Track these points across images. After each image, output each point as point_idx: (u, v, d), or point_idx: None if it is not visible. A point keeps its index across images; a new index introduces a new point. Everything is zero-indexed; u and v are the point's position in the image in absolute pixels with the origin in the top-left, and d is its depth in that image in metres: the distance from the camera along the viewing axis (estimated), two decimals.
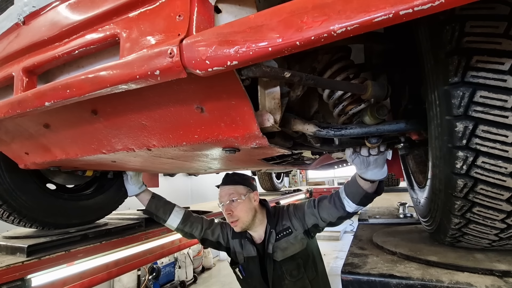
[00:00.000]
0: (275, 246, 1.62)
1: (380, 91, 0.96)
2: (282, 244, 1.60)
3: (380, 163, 1.26)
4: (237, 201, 1.61)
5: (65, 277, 1.62)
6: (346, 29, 0.44)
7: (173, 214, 1.83)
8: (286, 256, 1.59)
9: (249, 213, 1.63)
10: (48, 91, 0.78)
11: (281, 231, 1.63)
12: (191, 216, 1.88)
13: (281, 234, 1.62)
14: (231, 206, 1.61)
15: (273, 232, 1.64)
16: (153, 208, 1.84)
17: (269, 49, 0.49)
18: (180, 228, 1.83)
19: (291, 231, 1.62)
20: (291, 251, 1.59)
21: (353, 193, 1.40)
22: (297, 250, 1.60)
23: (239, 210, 1.60)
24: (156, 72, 0.60)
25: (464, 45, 0.74)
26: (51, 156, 1.26)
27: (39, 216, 1.80)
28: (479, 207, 0.89)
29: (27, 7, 0.92)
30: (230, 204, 1.62)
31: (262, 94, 0.87)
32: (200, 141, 0.88)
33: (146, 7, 0.69)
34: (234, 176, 1.73)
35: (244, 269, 1.73)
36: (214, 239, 1.84)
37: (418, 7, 0.39)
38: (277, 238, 1.62)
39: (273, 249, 1.62)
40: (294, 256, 1.60)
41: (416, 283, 0.93)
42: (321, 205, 1.56)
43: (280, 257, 1.60)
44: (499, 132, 0.76)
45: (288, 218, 1.66)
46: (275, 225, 1.66)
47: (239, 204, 1.61)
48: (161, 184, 3.15)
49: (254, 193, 1.69)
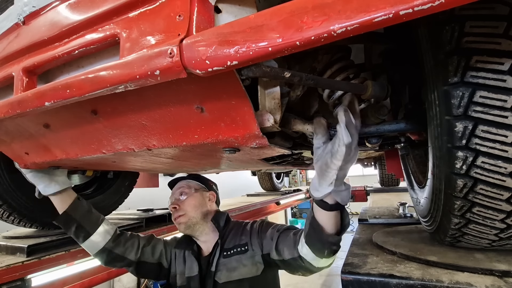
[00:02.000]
0: (222, 263, 1.30)
1: (380, 91, 0.96)
2: (232, 262, 1.29)
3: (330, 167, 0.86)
4: (186, 195, 1.40)
5: (65, 277, 1.62)
6: (346, 29, 0.44)
7: (102, 227, 1.38)
8: (231, 279, 1.26)
9: (197, 209, 1.37)
10: (48, 91, 0.78)
11: (235, 246, 1.32)
12: (124, 234, 1.46)
13: (234, 250, 1.31)
14: (179, 199, 1.40)
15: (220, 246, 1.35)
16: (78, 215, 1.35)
17: (269, 49, 0.49)
18: (109, 248, 1.37)
19: (247, 248, 1.29)
20: (239, 273, 1.26)
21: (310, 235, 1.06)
22: (247, 275, 1.26)
23: (186, 204, 1.37)
24: (156, 72, 0.60)
25: (464, 45, 0.74)
26: (51, 156, 1.25)
27: (39, 216, 1.80)
28: (479, 207, 0.89)
29: (27, 7, 0.92)
30: (178, 198, 1.40)
31: (262, 94, 0.87)
32: (200, 141, 0.88)
33: (146, 7, 0.69)
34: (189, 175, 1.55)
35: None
36: (154, 260, 1.44)
37: (418, 7, 0.39)
38: (227, 254, 1.31)
39: (218, 267, 1.30)
40: (242, 281, 1.26)
41: (416, 283, 0.93)
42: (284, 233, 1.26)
43: (224, 279, 1.27)
44: (499, 132, 0.76)
45: (249, 234, 1.34)
46: (227, 237, 1.36)
47: (188, 197, 1.39)
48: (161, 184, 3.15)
49: (209, 192, 1.48)
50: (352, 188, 6.83)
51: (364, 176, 13.79)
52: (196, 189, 1.44)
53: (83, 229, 1.34)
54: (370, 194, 4.96)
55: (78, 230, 1.34)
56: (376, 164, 5.65)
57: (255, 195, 5.64)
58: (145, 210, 2.73)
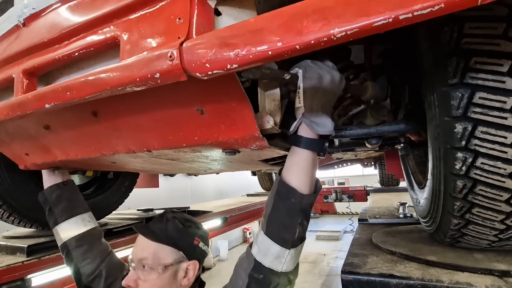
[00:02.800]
0: None
1: (380, 92, 0.96)
2: None
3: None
4: (149, 272, 0.94)
5: (65, 277, 1.62)
6: (346, 33, 0.44)
7: (74, 219, 1.20)
8: None
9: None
10: (48, 93, 0.78)
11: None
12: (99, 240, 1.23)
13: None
14: (138, 274, 0.96)
15: None
16: (54, 196, 1.24)
17: (269, 53, 0.50)
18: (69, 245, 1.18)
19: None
20: None
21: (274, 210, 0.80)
22: None
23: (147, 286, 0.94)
24: (156, 75, 0.60)
25: (463, 46, 0.74)
26: (51, 157, 1.26)
27: (39, 216, 1.80)
28: (478, 208, 0.89)
29: (27, 8, 0.92)
30: (137, 270, 0.96)
31: (262, 95, 0.87)
32: (200, 143, 0.88)
33: (146, 10, 0.70)
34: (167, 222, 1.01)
35: None
36: None
37: (418, 12, 0.39)
38: None
39: None
40: None
41: (416, 283, 0.94)
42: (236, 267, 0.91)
43: None
44: (498, 133, 0.76)
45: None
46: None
47: (152, 276, 0.94)
48: (161, 184, 3.16)
49: (189, 263, 1.00)
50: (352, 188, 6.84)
51: (364, 176, 13.81)
52: (167, 265, 0.95)
53: (52, 214, 1.23)
54: (370, 194, 4.97)
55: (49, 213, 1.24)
56: (376, 164, 5.65)
57: (255, 195, 5.64)
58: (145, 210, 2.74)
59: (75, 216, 1.23)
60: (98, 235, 1.26)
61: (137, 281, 0.95)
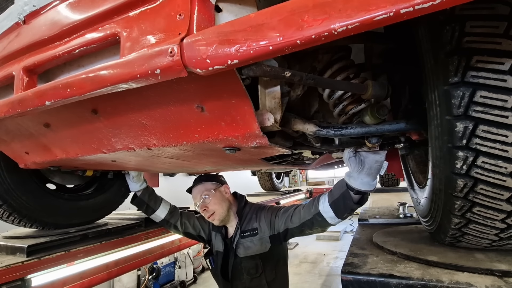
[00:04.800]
0: (240, 242, 1.71)
1: (380, 91, 0.96)
2: (247, 242, 1.69)
3: (374, 171, 1.23)
4: (209, 197, 1.71)
5: (65, 277, 1.61)
6: (347, 27, 0.44)
7: (162, 205, 1.99)
8: (247, 255, 1.68)
9: (223, 205, 1.72)
10: (48, 90, 0.78)
11: (248, 230, 1.71)
12: (176, 209, 2.06)
13: (248, 233, 1.71)
14: (205, 202, 1.71)
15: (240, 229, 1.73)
16: (146, 197, 1.96)
17: (270, 48, 0.49)
18: (167, 219, 1.97)
19: (257, 232, 1.70)
20: (252, 251, 1.67)
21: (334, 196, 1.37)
22: (258, 251, 1.67)
23: (212, 204, 1.70)
24: (156, 71, 0.60)
25: (464, 45, 0.74)
26: (51, 156, 1.26)
27: (39, 216, 1.80)
28: (479, 207, 0.89)
29: (28, 6, 0.92)
30: (203, 201, 1.71)
31: (262, 93, 0.87)
32: (201, 141, 0.88)
33: (147, 6, 0.69)
34: (201, 176, 1.85)
35: (214, 261, 1.85)
36: (195, 233, 1.96)
37: (419, 6, 0.39)
38: (243, 235, 1.72)
39: (237, 245, 1.71)
40: (254, 256, 1.67)
41: (416, 283, 0.93)
42: (297, 209, 1.59)
43: (242, 254, 1.69)
44: (499, 132, 0.76)
45: (259, 219, 1.72)
46: (243, 223, 1.75)
47: (211, 198, 1.71)
48: (161, 184, 3.15)
49: (223, 186, 1.82)
50: None
51: None
52: (214, 189, 1.74)
53: (149, 207, 1.96)
54: (370, 194, 4.95)
55: (147, 208, 1.96)
56: None
57: (255, 195, 5.63)
58: None
59: (162, 201, 2.03)
60: (173, 207, 2.06)
61: (205, 205, 1.70)
